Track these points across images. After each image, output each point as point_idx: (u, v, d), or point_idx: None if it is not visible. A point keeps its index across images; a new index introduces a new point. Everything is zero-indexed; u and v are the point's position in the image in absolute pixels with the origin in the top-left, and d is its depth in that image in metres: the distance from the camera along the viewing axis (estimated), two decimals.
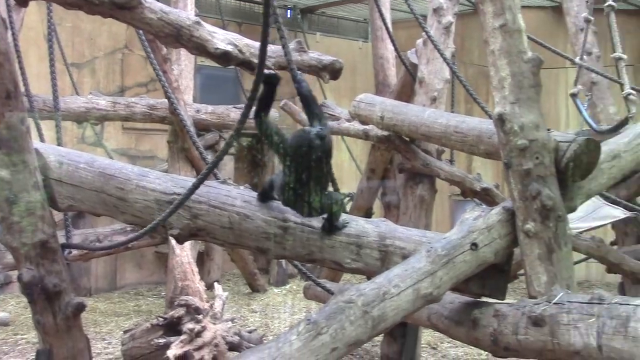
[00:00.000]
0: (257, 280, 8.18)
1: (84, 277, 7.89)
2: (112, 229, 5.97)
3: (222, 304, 4.29)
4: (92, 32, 8.69)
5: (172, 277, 5.08)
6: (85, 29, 8.62)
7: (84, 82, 8.39)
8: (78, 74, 8.30)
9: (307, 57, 3.40)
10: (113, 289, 8.32)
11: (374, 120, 4.85)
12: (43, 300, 2.82)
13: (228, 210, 2.87)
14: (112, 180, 2.93)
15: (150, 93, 8.61)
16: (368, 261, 2.93)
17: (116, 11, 2.97)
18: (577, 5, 7.11)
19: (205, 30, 3.14)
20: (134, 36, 8.81)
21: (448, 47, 5.09)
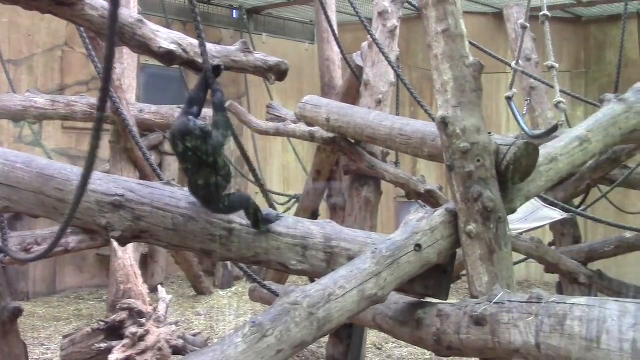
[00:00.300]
0: (202, 282, 8.09)
1: (21, 281, 7.64)
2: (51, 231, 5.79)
3: (165, 307, 4.23)
4: (31, 28, 8.43)
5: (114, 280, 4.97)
6: (23, 25, 8.36)
7: (22, 80, 8.14)
8: (15, 72, 8.04)
9: (252, 58, 3.37)
10: (52, 293, 8.09)
11: (320, 122, 4.87)
12: None
13: (172, 211, 2.83)
14: (51, 181, 2.85)
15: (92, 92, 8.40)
16: (314, 263, 2.93)
17: (55, 7, 2.89)
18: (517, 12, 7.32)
19: (148, 29, 3.07)
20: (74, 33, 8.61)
21: (393, 51, 5.16)
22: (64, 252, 5.87)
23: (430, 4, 3.05)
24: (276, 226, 2.94)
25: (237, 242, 2.89)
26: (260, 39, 10.97)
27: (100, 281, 8.34)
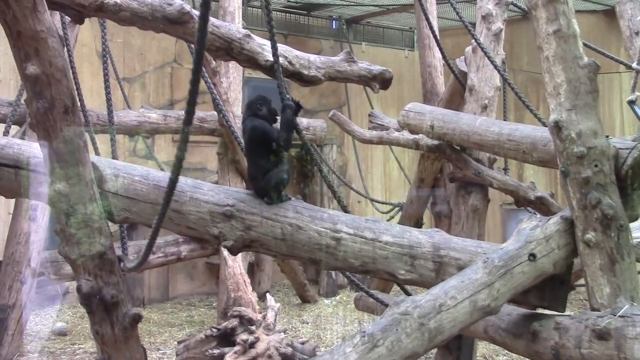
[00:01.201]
0: (307, 291, 8.18)
1: (137, 288, 8.02)
2: (165, 240, 6.06)
3: (274, 315, 4.30)
4: (142, 47, 8.89)
5: (225, 288, 5.12)
6: (135, 44, 8.82)
7: (135, 96, 8.58)
8: (129, 88, 8.49)
9: (356, 68, 3.38)
10: (166, 300, 8.44)
11: (423, 129, 4.81)
12: (101, 311, 2.85)
13: (280, 221, 2.88)
14: None
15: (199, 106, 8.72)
16: (422, 272, 2.89)
17: (168, 26, 3.01)
18: (630, 8, 6.93)
19: (255, 43, 3.15)
20: (182, 50, 9.01)
21: (498, 54, 5.02)
22: (176, 260, 6.11)
23: (540, 4, 2.94)
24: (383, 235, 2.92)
25: (344, 251, 2.90)
26: (360, 48, 11.01)
27: (209, 289, 8.62)
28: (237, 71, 6.47)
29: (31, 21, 2.43)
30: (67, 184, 2.73)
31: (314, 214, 2.93)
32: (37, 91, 2.56)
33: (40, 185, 2.92)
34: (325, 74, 3.25)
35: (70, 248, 2.79)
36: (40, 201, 3.74)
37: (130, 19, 2.91)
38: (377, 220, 3.04)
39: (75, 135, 2.71)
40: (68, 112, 2.65)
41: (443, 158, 5.13)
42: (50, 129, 2.64)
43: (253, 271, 7.89)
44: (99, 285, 2.82)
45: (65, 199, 2.73)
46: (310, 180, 9.47)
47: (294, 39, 9.87)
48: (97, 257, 2.80)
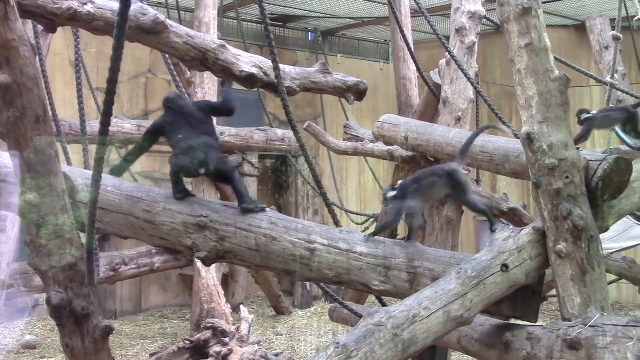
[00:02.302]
0: (282, 302, 8.14)
1: (109, 300, 7.92)
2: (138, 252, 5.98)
3: (248, 326, 4.27)
4: None
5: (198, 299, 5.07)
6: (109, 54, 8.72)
7: None
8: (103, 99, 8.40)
9: (331, 79, 3.40)
10: (138, 312, 8.34)
11: (398, 140, 4.83)
12: (72, 323, 2.81)
13: (255, 232, 2.87)
14: (139, 204, 2.95)
15: None
16: (397, 283, 2.90)
17: (143, 36, 3.00)
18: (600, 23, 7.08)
19: (230, 54, 3.15)
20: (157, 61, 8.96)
21: (471, 67, 5.07)
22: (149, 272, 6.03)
23: (512, 18, 2.99)
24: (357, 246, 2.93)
25: (319, 262, 2.90)
26: (335, 59, 11.06)
27: (183, 300, 8.54)
28: (212, 82, 6.45)
29: (2, 30, 2.41)
30: (38, 194, 2.69)
31: (288, 225, 2.93)
32: (8, 100, 2.53)
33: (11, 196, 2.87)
34: (300, 85, 3.25)
35: (40, 259, 2.75)
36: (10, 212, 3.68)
37: (104, 29, 2.89)
38: (351, 231, 3.04)
39: (46, 145, 2.68)
40: (39, 121, 2.62)
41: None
42: (21, 138, 2.61)
43: (227, 283, 7.84)
44: (70, 297, 2.78)
45: (36, 210, 2.69)
46: (285, 191, 9.46)
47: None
48: (68, 268, 2.76)
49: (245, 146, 6.98)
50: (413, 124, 4.86)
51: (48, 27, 2.91)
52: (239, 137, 6.97)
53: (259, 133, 6.94)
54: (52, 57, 7.03)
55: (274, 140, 6.89)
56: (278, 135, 6.95)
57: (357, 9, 9.84)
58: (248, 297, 8.71)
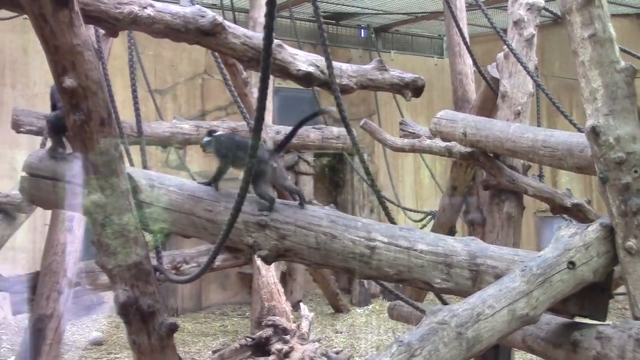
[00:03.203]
0: (340, 300, 8.15)
1: (171, 298, 8.09)
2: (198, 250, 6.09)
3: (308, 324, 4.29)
4: (173, 59, 9.00)
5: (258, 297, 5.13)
6: (166, 56, 8.94)
7: (167, 108, 8.68)
8: (161, 100, 8.59)
9: (388, 76, 3.37)
10: (199, 309, 8.49)
11: (456, 136, 4.76)
12: (138, 320, 2.87)
13: (315, 230, 2.87)
14: (201, 203, 2.99)
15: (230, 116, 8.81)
16: (459, 281, 2.85)
17: (201, 38, 3.04)
18: None
19: (287, 53, 3.16)
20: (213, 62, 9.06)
21: (530, 60, 4.96)
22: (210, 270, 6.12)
23: (574, 8, 2.90)
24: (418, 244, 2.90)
25: (379, 259, 2.88)
26: (389, 56, 11.00)
27: (242, 298, 8.65)
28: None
29: (68, 35, 2.47)
30: (103, 194, 2.76)
31: (348, 223, 2.92)
32: (74, 104, 2.60)
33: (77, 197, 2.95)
34: (357, 82, 3.24)
35: (107, 258, 2.82)
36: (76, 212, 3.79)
37: (164, 32, 2.94)
38: (411, 228, 3.01)
39: (110, 147, 2.75)
40: (104, 123, 2.69)
41: (476, 165, 5.07)
42: (87, 140, 2.68)
43: (285, 280, 7.89)
44: (136, 295, 2.84)
45: (102, 210, 2.76)
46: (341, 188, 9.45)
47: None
48: (134, 267, 2.82)
49: (301, 144, 7.02)
50: (471, 120, 4.78)
51: (110, 32, 2.98)
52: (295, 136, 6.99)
53: (315, 131, 6.96)
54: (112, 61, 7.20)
55: (329, 138, 6.90)
56: (334, 133, 6.95)
57: (410, 4, 9.76)
58: (306, 294, 8.76)
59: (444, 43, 11.85)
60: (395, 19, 10.62)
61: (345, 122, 3.06)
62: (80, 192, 2.86)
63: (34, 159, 3.04)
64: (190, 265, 5.91)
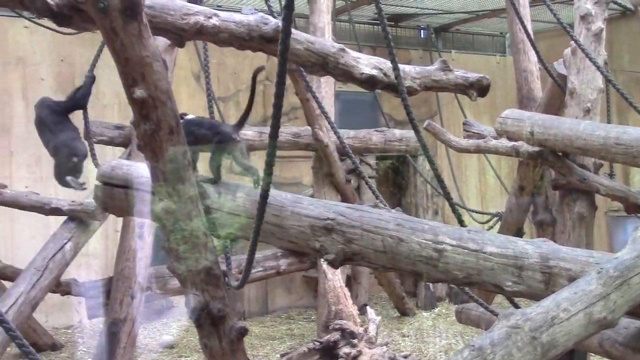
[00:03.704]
0: (406, 303, 8.08)
1: (237, 302, 8.20)
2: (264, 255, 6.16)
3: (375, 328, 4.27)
4: (236, 66, 9.13)
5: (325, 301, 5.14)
6: (229, 64, 9.09)
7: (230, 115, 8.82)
8: (224, 107, 8.73)
9: (452, 76, 3.33)
10: (265, 313, 8.58)
11: (523, 136, 4.66)
12: (209, 324, 2.92)
13: (382, 233, 2.85)
14: (268, 208, 3.01)
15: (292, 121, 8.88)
16: (531, 284, 2.78)
17: (265, 45, 3.08)
18: None
19: (350, 57, 3.17)
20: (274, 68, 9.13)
21: (599, 55, 4.81)
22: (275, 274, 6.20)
23: None
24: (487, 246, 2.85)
25: (447, 262, 2.84)
26: (450, 56, 10.86)
27: (307, 302, 8.69)
28: (329, 85, 6.52)
29: (137, 48, 2.53)
30: (173, 201, 2.82)
31: (415, 226, 2.89)
32: (144, 114, 2.66)
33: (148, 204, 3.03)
34: (421, 84, 3.22)
35: (177, 264, 2.88)
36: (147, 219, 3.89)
37: (228, 40, 3.00)
38: (480, 231, 2.97)
39: (179, 154, 2.81)
40: (173, 132, 2.74)
41: (544, 165, 4.95)
42: (157, 149, 2.74)
43: (350, 284, 7.87)
44: (206, 300, 2.89)
45: (172, 216, 2.82)
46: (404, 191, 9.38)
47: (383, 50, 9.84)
48: (204, 272, 2.87)
49: (364, 148, 7.00)
50: (538, 118, 4.67)
51: (177, 42, 3.06)
52: (357, 139, 6.99)
53: (377, 134, 6.93)
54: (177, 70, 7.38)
55: (392, 140, 6.86)
56: (396, 136, 6.91)
57: (471, 3, 9.63)
58: (371, 298, 8.72)
59: (507, 40, 11.62)
60: (456, 18, 10.48)
61: (413, 123, 3.03)
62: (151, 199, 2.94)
63: (107, 168, 3.13)
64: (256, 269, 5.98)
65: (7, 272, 6.31)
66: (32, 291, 5.22)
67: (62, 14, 2.67)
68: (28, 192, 5.99)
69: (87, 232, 5.70)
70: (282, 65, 2.05)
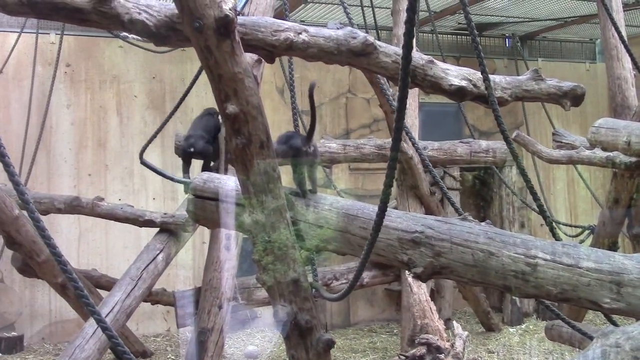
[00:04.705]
0: (491, 319, 7.88)
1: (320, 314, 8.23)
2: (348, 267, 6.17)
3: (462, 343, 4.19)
4: (318, 79, 9.23)
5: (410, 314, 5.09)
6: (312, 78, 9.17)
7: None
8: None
9: (544, 85, 3.24)
10: (347, 325, 8.57)
11: (618, 146, 4.48)
12: (296, 336, 2.95)
13: (471, 247, 2.80)
14: (355, 221, 3.02)
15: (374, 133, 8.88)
16: (631, 301, 2.65)
17: (353, 59, 3.09)
18: None
19: (438, 69, 3.13)
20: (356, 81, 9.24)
21: None
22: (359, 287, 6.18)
23: None
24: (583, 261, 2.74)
25: (540, 277, 2.75)
26: (536, 64, 10.58)
27: (389, 315, 8.62)
28: (413, 97, 6.49)
29: (230, 64, 2.61)
30: (263, 213, 2.88)
31: (506, 239, 2.82)
32: (236, 129, 2.73)
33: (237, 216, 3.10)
34: (512, 94, 3.15)
35: (267, 275, 2.93)
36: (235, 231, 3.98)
37: (317, 55, 3.03)
38: (574, 245, 2.86)
39: (269, 168, 2.86)
40: (263, 146, 2.80)
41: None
42: (248, 163, 2.81)
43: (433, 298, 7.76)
44: (294, 311, 2.92)
45: (262, 228, 2.88)
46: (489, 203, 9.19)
47: (466, 60, 9.73)
48: (292, 283, 2.91)
49: (449, 159, 6.91)
50: (635, 127, 4.48)
51: (267, 58, 3.11)
52: (442, 151, 6.91)
53: (463, 145, 6.83)
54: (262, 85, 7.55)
55: (478, 152, 6.74)
56: (482, 147, 6.79)
57: (559, 9, 9.35)
58: (454, 312, 8.57)
59: (597, 47, 11.21)
60: (542, 25, 10.21)
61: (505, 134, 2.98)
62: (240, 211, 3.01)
63: (199, 181, 3.23)
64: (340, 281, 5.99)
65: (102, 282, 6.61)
66: (127, 300, 5.44)
67: (160, 34, 2.79)
68: (123, 205, 6.26)
69: (178, 244, 5.89)
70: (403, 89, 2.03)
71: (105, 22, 2.79)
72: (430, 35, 9.37)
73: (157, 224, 5.83)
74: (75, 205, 6.18)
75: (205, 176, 3.30)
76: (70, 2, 2.71)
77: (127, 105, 8.54)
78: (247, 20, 2.94)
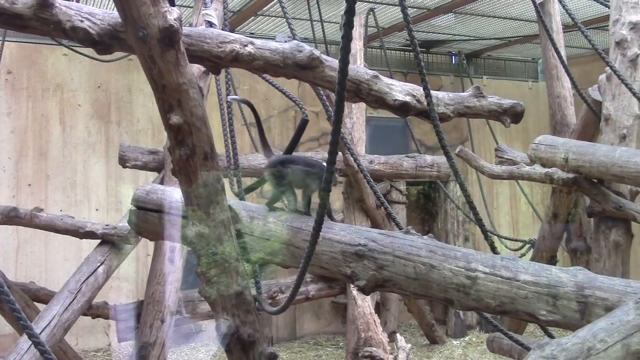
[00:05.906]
0: (435, 331, 7.98)
1: (266, 327, 8.18)
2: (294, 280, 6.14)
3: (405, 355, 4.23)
4: (267, 92, 9.24)
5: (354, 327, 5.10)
6: (260, 90, 9.19)
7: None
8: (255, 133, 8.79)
9: (486, 103, 3.31)
10: (293, 339, 8.54)
11: (557, 162, 4.62)
12: (239, 350, 2.93)
13: (413, 260, 2.83)
14: (299, 234, 3.02)
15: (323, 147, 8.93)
16: (566, 313, 2.73)
17: (299, 72, 3.10)
18: None
19: (383, 84, 3.17)
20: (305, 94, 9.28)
21: (636, 81, 4.77)
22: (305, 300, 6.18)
23: None
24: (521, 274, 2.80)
25: (480, 290, 2.80)
26: (481, 81, 10.85)
27: (335, 328, 8.63)
28: (360, 111, 6.55)
29: (174, 75, 2.58)
30: (206, 226, 2.85)
31: (447, 253, 2.86)
32: (180, 139, 2.70)
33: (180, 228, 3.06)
34: (454, 110, 3.21)
35: (209, 288, 2.90)
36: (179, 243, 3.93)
37: (263, 67, 3.03)
38: (513, 258, 2.92)
39: (214, 180, 2.84)
40: (207, 158, 2.78)
41: (579, 191, 4.89)
42: (192, 174, 2.77)
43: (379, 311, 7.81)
44: (237, 324, 2.90)
45: (205, 241, 2.85)
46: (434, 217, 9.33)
47: (414, 76, 9.89)
48: (235, 296, 2.88)
49: (395, 174, 6.99)
50: (572, 144, 4.63)
51: (213, 70, 3.10)
52: (388, 165, 6.99)
53: (408, 160, 6.92)
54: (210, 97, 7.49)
55: (423, 166, 6.84)
56: (427, 162, 6.89)
57: (503, 29, 9.61)
58: (400, 325, 8.64)
59: (539, 66, 11.56)
60: (487, 44, 10.48)
61: (445, 149, 3.03)
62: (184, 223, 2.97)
63: (141, 192, 3.18)
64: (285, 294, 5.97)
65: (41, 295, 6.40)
66: (65, 314, 5.28)
67: (103, 42, 2.74)
68: (63, 216, 6.10)
69: (119, 256, 5.77)
70: (340, 95, 2.02)
71: (46, 29, 2.72)
72: (379, 50, 9.49)
73: (98, 236, 5.69)
74: (13, 216, 5.98)
75: (148, 187, 3.25)
76: (10, 7, 2.64)
77: (70, 114, 8.35)
78: (192, 31, 2.92)
